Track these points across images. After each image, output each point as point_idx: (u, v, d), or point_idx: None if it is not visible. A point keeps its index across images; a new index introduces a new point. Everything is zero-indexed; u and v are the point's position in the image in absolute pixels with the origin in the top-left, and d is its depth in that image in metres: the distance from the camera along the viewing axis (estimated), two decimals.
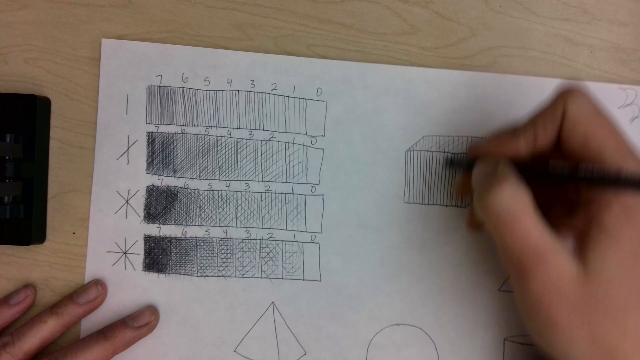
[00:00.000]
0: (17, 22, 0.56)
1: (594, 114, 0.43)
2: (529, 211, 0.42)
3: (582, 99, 0.43)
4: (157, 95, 0.56)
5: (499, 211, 0.43)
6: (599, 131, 0.42)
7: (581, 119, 0.43)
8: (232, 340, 0.56)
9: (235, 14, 0.57)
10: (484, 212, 0.45)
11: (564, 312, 0.42)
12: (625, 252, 0.41)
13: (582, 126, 0.43)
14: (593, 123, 0.43)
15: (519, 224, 0.42)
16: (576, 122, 0.43)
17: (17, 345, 0.51)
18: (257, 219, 0.56)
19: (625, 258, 0.41)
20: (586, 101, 0.44)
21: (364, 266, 0.56)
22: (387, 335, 0.56)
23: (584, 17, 0.58)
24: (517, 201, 0.43)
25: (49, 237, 0.56)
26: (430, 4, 0.57)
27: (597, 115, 0.43)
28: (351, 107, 0.57)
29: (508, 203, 0.43)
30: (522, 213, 0.42)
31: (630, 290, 0.41)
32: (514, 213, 0.42)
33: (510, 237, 0.43)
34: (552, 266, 0.41)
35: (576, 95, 0.44)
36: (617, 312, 0.41)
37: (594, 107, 0.43)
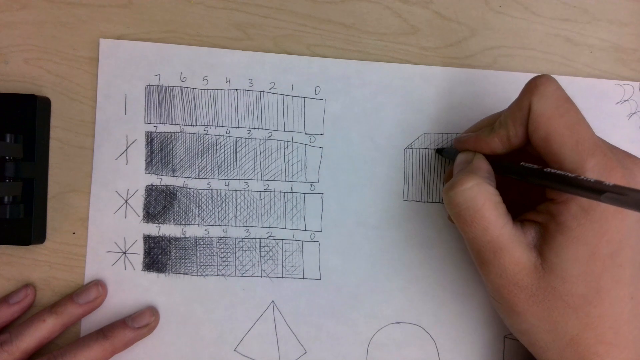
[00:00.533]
0: (17, 22, 0.56)
1: (556, 110, 0.43)
2: (490, 206, 0.44)
3: (546, 95, 0.44)
4: (156, 95, 0.56)
5: (460, 206, 0.45)
6: (559, 129, 0.43)
7: (543, 117, 0.43)
8: (232, 340, 0.56)
9: (235, 14, 0.57)
10: (447, 206, 0.46)
11: (523, 301, 0.44)
12: (582, 250, 0.42)
13: (543, 124, 0.43)
14: (554, 120, 0.43)
15: (479, 218, 0.44)
16: (538, 120, 0.43)
17: (15, 344, 0.51)
18: (256, 217, 0.56)
19: (582, 255, 0.42)
20: (550, 97, 0.43)
21: (364, 264, 0.56)
22: (387, 333, 0.56)
23: (584, 17, 0.58)
24: (479, 196, 0.44)
25: (49, 237, 0.56)
26: (430, 4, 0.57)
27: (560, 112, 0.43)
28: (349, 105, 0.57)
29: (469, 198, 0.44)
30: (482, 207, 0.44)
31: (589, 285, 0.43)
32: (474, 208, 0.44)
33: (471, 230, 0.45)
34: (508, 257, 0.43)
35: (541, 91, 0.44)
36: (578, 306, 0.43)
37: (558, 102, 0.43)
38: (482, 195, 0.44)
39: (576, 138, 0.42)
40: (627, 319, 0.44)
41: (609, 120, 0.57)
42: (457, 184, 0.45)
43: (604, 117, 0.57)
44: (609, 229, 0.42)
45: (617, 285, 0.43)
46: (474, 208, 0.44)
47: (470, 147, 0.49)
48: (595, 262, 0.42)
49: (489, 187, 0.44)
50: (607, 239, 0.42)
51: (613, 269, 0.43)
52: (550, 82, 0.44)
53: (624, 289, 0.43)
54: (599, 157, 0.41)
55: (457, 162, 0.50)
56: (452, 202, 0.45)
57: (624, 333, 0.44)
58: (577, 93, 0.57)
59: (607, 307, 0.43)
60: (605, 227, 0.42)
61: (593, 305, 0.43)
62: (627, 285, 0.43)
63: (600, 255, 0.42)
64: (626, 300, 0.44)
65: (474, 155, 0.48)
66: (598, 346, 0.44)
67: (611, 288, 0.43)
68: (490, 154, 0.48)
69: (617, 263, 0.42)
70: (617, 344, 0.44)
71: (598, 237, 0.42)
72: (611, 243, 0.42)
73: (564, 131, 0.42)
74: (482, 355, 0.56)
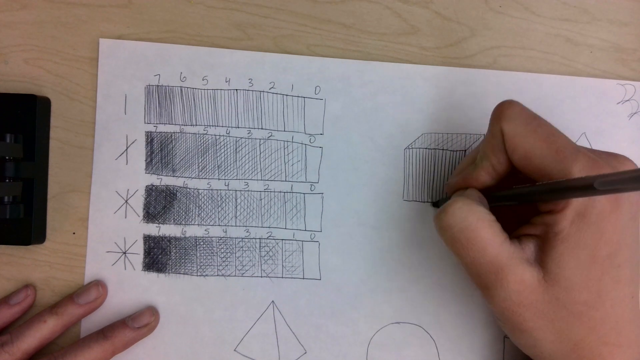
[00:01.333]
0: (17, 22, 0.56)
1: (527, 127, 0.43)
2: (484, 225, 0.43)
3: (513, 117, 0.44)
4: (156, 95, 0.56)
5: (453, 228, 0.44)
6: (536, 144, 0.43)
7: (517, 137, 0.44)
8: (232, 340, 0.56)
9: (235, 14, 0.57)
10: (440, 231, 0.46)
11: (529, 319, 0.44)
12: (582, 256, 0.42)
13: (519, 144, 0.43)
14: (528, 137, 0.43)
15: (475, 239, 0.43)
16: (514, 142, 0.44)
17: (15, 345, 0.51)
18: (256, 217, 0.56)
19: (582, 261, 0.42)
20: (518, 117, 0.44)
21: (364, 264, 0.56)
22: (387, 333, 0.56)
23: (584, 17, 0.58)
24: (470, 216, 0.44)
25: (49, 237, 0.56)
26: (430, 4, 0.57)
27: (532, 128, 0.43)
28: (350, 105, 0.57)
29: (461, 219, 0.44)
30: (476, 228, 0.43)
31: (591, 290, 0.43)
32: (468, 228, 0.44)
33: (468, 254, 0.44)
34: (512, 278, 0.43)
35: (507, 114, 0.44)
36: (581, 312, 0.43)
37: (527, 120, 0.44)
38: (474, 214, 0.44)
39: (555, 148, 0.42)
40: (629, 319, 0.44)
41: (609, 120, 0.57)
42: (447, 206, 0.45)
43: (604, 117, 0.57)
44: (606, 229, 0.42)
45: (617, 286, 0.43)
46: (468, 227, 0.43)
47: (462, 185, 0.49)
48: (596, 265, 0.42)
49: (479, 207, 0.44)
50: (605, 240, 0.42)
51: (612, 270, 0.43)
52: (513, 105, 0.45)
53: (624, 289, 0.43)
54: (584, 160, 0.41)
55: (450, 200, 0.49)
56: (445, 224, 0.45)
57: (626, 333, 0.44)
58: (578, 93, 0.57)
59: (609, 308, 0.43)
60: (603, 228, 0.42)
61: (595, 309, 0.43)
62: (626, 285, 0.44)
63: (599, 257, 0.42)
64: (627, 300, 0.44)
65: (466, 190, 0.48)
66: (602, 348, 0.43)
67: (611, 289, 0.43)
68: (482, 189, 0.48)
69: (615, 264, 0.43)
70: (620, 344, 0.44)
71: (596, 239, 0.42)
72: (609, 244, 0.42)
73: (541, 144, 0.43)
74: (482, 355, 0.56)
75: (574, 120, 0.57)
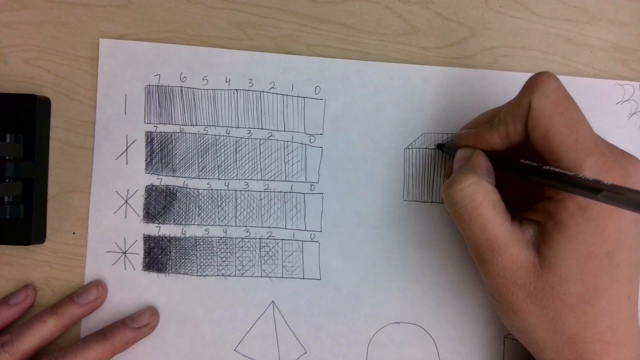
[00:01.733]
0: (17, 22, 0.56)
1: (556, 108, 0.43)
2: (488, 204, 0.44)
3: (546, 92, 0.43)
4: (156, 95, 0.56)
5: (458, 204, 0.45)
6: (559, 127, 0.42)
7: (543, 114, 0.43)
8: (232, 340, 0.56)
9: (235, 14, 0.57)
10: (446, 203, 0.46)
11: (521, 299, 0.44)
12: (579, 249, 0.42)
13: (543, 122, 0.43)
14: (554, 118, 0.43)
15: (477, 217, 0.44)
16: (538, 118, 0.43)
17: (15, 345, 0.51)
18: (256, 217, 0.56)
19: (579, 254, 0.42)
20: (551, 94, 0.43)
21: (364, 264, 0.56)
22: (387, 333, 0.56)
23: (584, 17, 0.58)
24: (477, 194, 0.44)
25: (49, 237, 0.56)
26: (430, 4, 0.57)
27: (560, 110, 0.43)
28: (349, 105, 0.57)
29: (467, 196, 0.44)
30: (481, 205, 0.44)
31: (587, 285, 0.43)
32: (472, 206, 0.44)
33: (469, 228, 0.45)
34: (507, 256, 0.44)
35: (541, 89, 0.43)
36: (576, 305, 0.43)
37: (558, 100, 0.43)
38: (480, 193, 0.44)
39: (575, 136, 0.42)
40: (625, 318, 0.44)
41: (609, 120, 0.57)
42: (456, 182, 0.45)
43: (604, 117, 0.57)
44: (606, 228, 0.42)
45: (614, 284, 0.43)
46: (472, 206, 0.44)
47: (470, 144, 0.49)
48: (593, 261, 0.42)
49: (487, 185, 0.44)
50: (604, 238, 0.42)
51: (610, 268, 0.43)
52: (551, 80, 0.44)
53: (621, 288, 0.44)
54: (597, 156, 0.41)
55: (457, 158, 0.50)
56: (451, 200, 0.45)
57: (621, 332, 0.44)
58: (578, 93, 0.57)
59: (605, 306, 0.43)
60: (602, 226, 0.42)
61: (590, 304, 0.43)
62: (624, 284, 0.44)
63: (597, 254, 0.42)
64: (623, 300, 0.44)
65: (474, 152, 0.48)
66: (596, 345, 0.44)
67: (608, 287, 0.43)
68: (489, 151, 0.48)
69: (614, 262, 0.43)
70: (614, 343, 0.44)
71: (595, 236, 0.42)
72: (608, 242, 0.42)
73: (564, 129, 0.42)
74: (482, 355, 0.56)
75: None
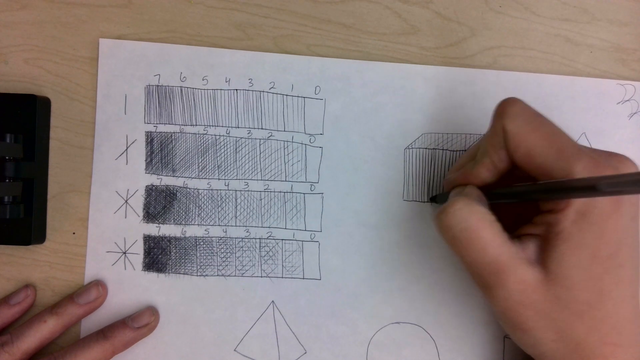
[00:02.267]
0: (17, 22, 0.56)
1: (529, 125, 0.43)
2: (484, 225, 0.43)
3: (515, 115, 0.44)
4: (156, 95, 0.56)
5: (454, 228, 0.44)
6: (538, 142, 0.43)
7: (519, 136, 0.43)
8: (232, 340, 0.56)
9: (235, 14, 0.57)
10: (441, 231, 0.46)
11: (530, 318, 0.44)
12: (583, 255, 0.42)
13: (522, 143, 0.43)
14: (530, 135, 0.43)
15: (475, 239, 0.43)
16: (516, 140, 0.43)
17: (15, 345, 0.51)
18: (256, 217, 0.56)
19: (583, 260, 0.42)
20: (520, 115, 0.44)
21: (364, 264, 0.56)
22: (387, 333, 0.56)
23: (584, 17, 0.58)
24: (471, 217, 0.43)
25: (49, 237, 0.56)
26: (430, 4, 0.57)
27: (533, 126, 0.43)
28: (350, 105, 0.57)
29: (461, 219, 0.44)
30: (477, 229, 0.43)
31: (592, 290, 0.43)
32: (468, 228, 0.43)
33: (469, 254, 0.44)
34: (513, 278, 0.43)
35: (510, 113, 0.44)
36: (582, 312, 0.43)
37: (529, 119, 0.44)
38: (474, 215, 0.43)
39: (557, 147, 0.42)
40: (630, 318, 0.44)
41: (609, 120, 0.57)
42: (448, 207, 0.45)
43: (604, 117, 0.57)
44: (607, 230, 0.42)
45: (618, 285, 0.43)
46: (469, 228, 0.43)
47: (461, 182, 0.49)
48: (597, 265, 0.42)
49: (480, 207, 0.44)
50: (606, 240, 0.42)
51: (613, 270, 0.42)
52: (516, 103, 0.45)
53: (625, 289, 0.43)
54: (585, 159, 0.41)
55: (450, 197, 0.49)
56: (445, 225, 0.45)
57: (627, 332, 0.44)
58: (578, 93, 0.57)
59: (610, 308, 0.43)
60: (603, 228, 0.42)
61: (597, 308, 0.43)
62: (628, 284, 0.44)
63: (600, 257, 0.42)
64: (628, 300, 0.44)
65: (465, 187, 0.48)
66: (603, 347, 0.43)
67: (613, 289, 0.43)
68: (481, 185, 0.48)
69: (617, 263, 0.42)
70: (621, 344, 0.44)
71: (597, 239, 0.42)
72: (610, 244, 0.42)
73: (543, 143, 0.42)
74: (482, 355, 0.56)
75: (574, 120, 0.57)
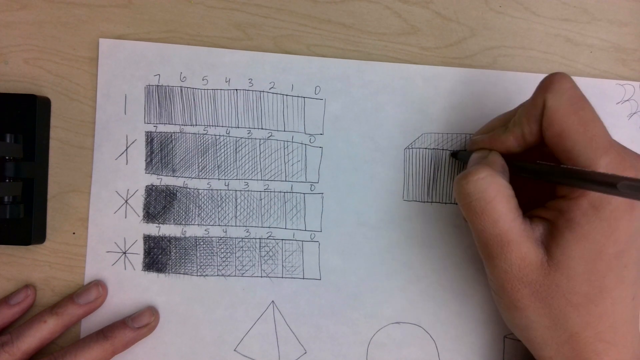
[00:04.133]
0: (17, 22, 0.56)
1: (570, 107, 0.43)
2: (501, 199, 0.44)
3: (560, 92, 0.43)
4: (156, 95, 0.56)
5: (471, 196, 0.44)
6: (573, 126, 0.42)
7: (557, 113, 0.43)
8: (232, 340, 0.56)
9: (235, 14, 0.57)
10: (458, 195, 0.46)
11: (526, 297, 0.44)
12: (589, 248, 0.42)
13: (557, 121, 0.43)
14: (568, 117, 0.42)
15: (490, 210, 0.44)
16: (552, 117, 0.43)
17: (15, 345, 0.51)
18: (256, 217, 0.56)
19: (588, 253, 0.42)
20: (565, 93, 0.43)
21: (364, 264, 0.56)
22: (387, 333, 0.56)
23: (584, 17, 0.58)
24: (491, 187, 0.44)
25: (49, 237, 0.56)
26: (430, 4, 0.57)
27: (574, 109, 0.43)
28: (349, 105, 0.57)
29: (482, 189, 0.44)
30: (493, 200, 0.43)
31: (593, 284, 0.43)
32: (485, 199, 0.44)
33: (480, 223, 0.44)
34: (516, 253, 0.43)
35: (555, 88, 0.43)
36: (580, 304, 0.43)
37: (572, 100, 0.43)
38: (494, 187, 0.44)
39: (590, 135, 0.42)
40: (627, 319, 0.44)
41: (609, 120, 0.57)
42: (470, 174, 0.45)
43: (604, 117, 0.56)
44: (618, 228, 0.42)
45: (620, 285, 0.43)
46: (486, 199, 0.43)
47: (486, 147, 0.49)
48: (601, 261, 0.42)
49: (502, 179, 0.44)
50: (615, 239, 0.42)
51: (618, 269, 0.43)
52: (565, 80, 0.44)
53: (626, 289, 0.43)
54: (613, 155, 0.41)
55: (472, 158, 0.49)
56: (464, 191, 0.45)
57: (622, 333, 0.44)
58: None
59: (609, 306, 0.43)
60: (614, 226, 0.42)
61: (595, 303, 0.43)
62: (630, 285, 0.44)
63: (606, 254, 0.42)
64: (628, 301, 0.44)
65: (490, 152, 0.48)
66: (597, 344, 0.44)
67: (614, 288, 0.43)
68: (505, 153, 0.48)
69: (622, 263, 0.42)
70: (615, 343, 0.44)
71: (606, 236, 0.42)
72: (618, 243, 0.42)
73: (578, 128, 0.42)
74: (482, 355, 0.56)
75: None
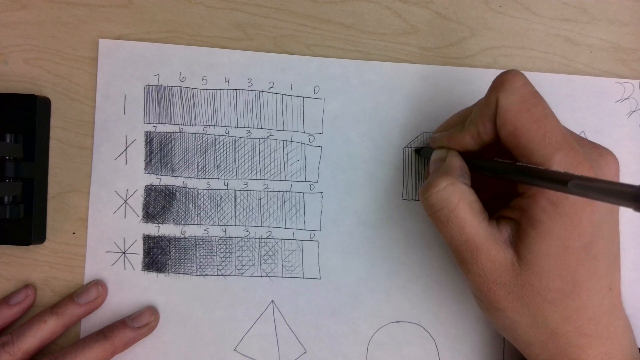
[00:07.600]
0: (17, 22, 0.56)
1: (522, 105, 0.43)
2: (465, 205, 0.44)
3: (512, 90, 0.43)
4: (155, 95, 0.56)
5: (435, 207, 0.45)
6: (526, 124, 0.42)
7: (509, 112, 0.43)
8: (232, 339, 0.56)
9: (235, 14, 0.57)
10: (424, 207, 0.47)
11: (503, 297, 0.44)
12: (554, 244, 0.42)
13: (510, 120, 0.43)
14: (521, 115, 0.42)
15: (454, 219, 0.44)
16: (505, 116, 0.43)
17: (16, 345, 0.51)
18: (256, 217, 0.56)
19: (554, 250, 0.42)
20: (517, 92, 0.43)
21: (364, 263, 0.56)
22: (387, 332, 0.56)
23: (584, 17, 0.58)
24: (453, 196, 0.44)
25: (49, 237, 0.56)
26: (430, 4, 0.57)
27: (527, 106, 0.43)
28: (349, 104, 0.57)
29: (444, 199, 0.44)
30: (456, 208, 0.44)
31: (565, 279, 0.43)
32: (448, 208, 0.44)
33: (447, 231, 0.45)
34: (485, 257, 0.44)
35: (507, 87, 0.43)
36: (556, 300, 0.43)
37: (524, 97, 0.43)
38: (455, 195, 0.44)
39: (543, 132, 0.42)
40: (607, 310, 0.44)
41: (609, 119, 0.57)
42: (431, 186, 0.45)
43: (603, 116, 0.57)
44: (580, 222, 0.42)
45: (593, 277, 0.43)
46: (449, 208, 0.44)
47: (444, 145, 0.50)
48: (569, 255, 0.42)
49: (462, 186, 0.45)
50: (579, 232, 0.42)
51: (588, 262, 0.43)
52: (516, 78, 0.44)
53: (600, 281, 0.44)
54: (566, 150, 0.41)
55: (432, 159, 0.50)
56: (428, 203, 0.46)
57: (604, 324, 0.44)
58: (577, 91, 0.57)
59: (585, 299, 0.43)
60: (576, 220, 0.42)
61: (571, 298, 0.43)
62: (603, 276, 0.44)
63: (573, 248, 0.42)
64: (604, 292, 0.44)
65: (448, 153, 0.49)
66: (579, 338, 0.44)
67: (587, 280, 0.43)
68: (463, 151, 0.48)
69: (591, 255, 0.43)
70: (597, 336, 0.44)
71: (569, 231, 0.42)
72: (583, 236, 0.42)
73: (531, 125, 0.42)
74: (482, 354, 0.56)
75: (573, 118, 0.57)
